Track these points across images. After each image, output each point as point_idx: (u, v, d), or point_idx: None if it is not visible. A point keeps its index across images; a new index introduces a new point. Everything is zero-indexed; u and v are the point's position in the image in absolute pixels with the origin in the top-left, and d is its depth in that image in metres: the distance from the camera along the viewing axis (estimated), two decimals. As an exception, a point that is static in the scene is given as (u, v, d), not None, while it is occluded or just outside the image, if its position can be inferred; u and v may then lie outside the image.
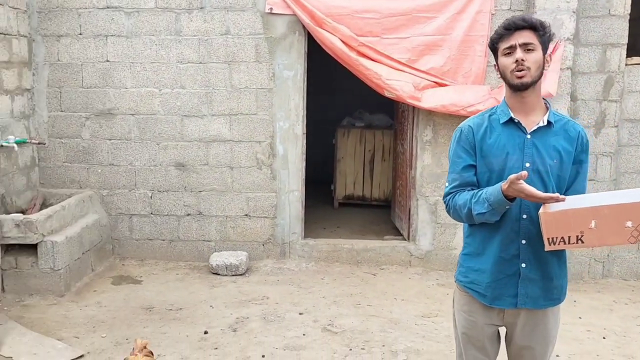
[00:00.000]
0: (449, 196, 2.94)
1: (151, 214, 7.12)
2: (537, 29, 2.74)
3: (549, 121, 2.81)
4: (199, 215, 7.09)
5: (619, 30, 6.56)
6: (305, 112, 7.06)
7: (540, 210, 2.63)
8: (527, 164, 2.77)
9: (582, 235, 2.57)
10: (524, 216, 2.78)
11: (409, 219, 7.26)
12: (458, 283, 3.07)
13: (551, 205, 2.59)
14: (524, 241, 2.81)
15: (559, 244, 2.61)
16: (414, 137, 7.07)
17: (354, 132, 9.52)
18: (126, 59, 6.93)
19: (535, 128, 2.81)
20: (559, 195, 2.59)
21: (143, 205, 7.10)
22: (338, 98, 11.22)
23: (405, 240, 7.37)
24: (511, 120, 2.83)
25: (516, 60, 2.71)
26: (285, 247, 7.10)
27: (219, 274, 6.67)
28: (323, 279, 6.63)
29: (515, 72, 2.73)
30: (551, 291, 2.87)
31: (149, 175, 7.06)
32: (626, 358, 4.94)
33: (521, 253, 2.82)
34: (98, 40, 6.92)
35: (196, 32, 6.87)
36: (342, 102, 11.06)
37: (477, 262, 2.94)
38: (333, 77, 9.93)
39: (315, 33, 6.70)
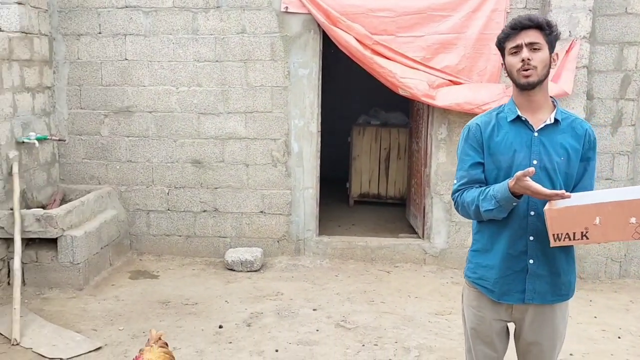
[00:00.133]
0: (457, 193, 2.98)
1: (168, 210, 7.22)
2: (544, 28, 2.76)
3: (556, 119, 2.84)
4: (214, 212, 7.18)
5: (636, 29, 6.53)
6: (320, 110, 7.12)
7: (546, 207, 2.66)
8: (535, 162, 2.80)
9: (587, 232, 2.60)
10: (532, 213, 2.82)
11: (424, 217, 7.29)
12: (467, 279, 3.10)
13: (556, 202, 2.63)
14: (531, 237, 2.84)
15: (564, 240, 2.64)
16: (429, 135, 7.10)
17: (370, 130, 9.55)
18: (144, 57, 7.04)
19: (543, 126, 2.83)
20: (564, 192, 2.62)
21: (160, 202, 7.21)
22: (354, 96, 11.26)
23: (420, 238, 7.41)
24: (518, 118, 2.86)
25: (522, 60, 2.74)
26: (299, 244, 7.16)
27: (234, 270, 6.75)
28: (337, 275, 6.69)
29: (521, 72, 2.76)
30: (559, 287, 2.90)
31: (166, 171, 7.16)
32: (641, 358, 4.96)
33: (529, 249, 2.86)
34: (117, 39, 7.03)
35: (213, 31, 6.96)
36: (358, 100, 11.10)
37: (486, 258, 2.97)
38: (349, 75, 9.96)
39: (330, 31, 6.76)
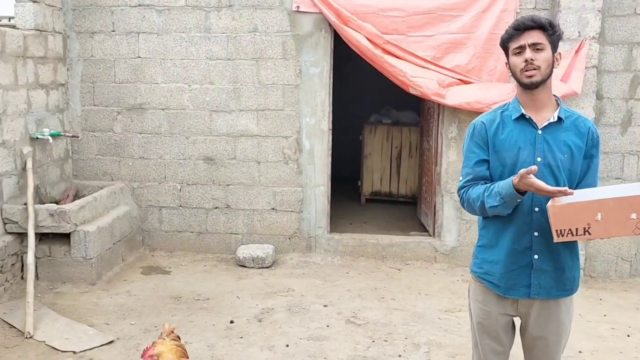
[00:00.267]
0: (463, 190, 3.03)
1: (180, 206, 7.27)
2: (546, 28, 2.81)
3: (560, 117, 2.88)
4: (226, 209, 7.22)
5: (645, 30, 6.56)
6: (332, 108, 7.15)
7: (549, 204, 2.70)
8: (539, 159, 2.84)
9: (589, 227, 2.65)
10: (536, 209, 2.85)
11: (435, 215, 7.31)
12: (473, 274, 3.14)
13: (559, 199, 2.67)
14: (536, 233, 2.88)
15: (567, 236, 2.68)
16: (439, 134, 7.11)
17: (381, 129, 9.57)
18: (157, 55, 7.09)
19: (546, 124, 2.87)
20: (567, 189, 2.66)
21: (172, 198, 7.26)
22: (365, 95, 11.28)
23: (431, 236, 7.42)
24: (522, 116, 2.90)
25: (526, 60, 2.79)
26: (311, 241, 7.19)
27: (246, 266, 6.79)
28: (348, 272, 6.71)
29: (525, 72, 2.81)
30: (563, 282, 2.94)
31: (178, 168, 7.21)
32: (650, 355, 4.95)
33: (534, 245, 2.89)
34: (130, 37, 7.09)
35: (225, 30, 7.00)
36: (370, 99, 11.12)
37: (491, 254, 3.01)
38: (361, 74, 9.98)
39: (341, 31, 6.78)
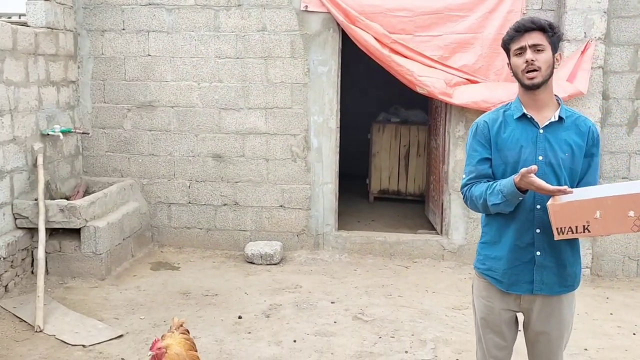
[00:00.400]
0: (466, 187, 3.08)
1: (189, 203, 7.32)
2: (546, 30, 2.86)
3: (561, 117, 2.92)
4: (235, 206, 7.27)
5: (650, 31, 6.60)
6: (339, 107, 7.18)
7: (549, 202, 2.74)
8: (540, 157, 2.89)
9: (588, 225, 2.69)
10: (538, 206, 2.90)
11: (442, 214, 7.33)
12: (476, 270, 3.18)
13: (559, 197, 2.71)
14: (538, 230, 2.92)
15: (567, 234, 2.73)
16: (447, 133, 7.14)
17: (389, 128, 9.60)
18: (167, 53, 7.15)
19: (548, 123, 2.92)
20: (566, 188, 2.70)
21: (181, 195, 7.31)
22: (374, 94, 11.32)
23: (438, 234, 7.44)
24: (524, 115, 2.95)
25: (526, 61, 2.84)
26: (319, 239, 7.23)
27: (254, 263, 6.84)
28: (356, 270, 6.75)
29: (526, 73, 2.86)
30: (565, 278, 2.98)
31: (187, 165, 7.26)
32: (655, 353, 4.97)
33: (536, 241, 2.93)
34: (140, 35, 7.15)
35: (234, 29, 7.05)
36: (378, 98, 11.16)
37: (494, 250, 3.06)
38: (369, 73, 10.01)
39: (348, 30, 6.83)
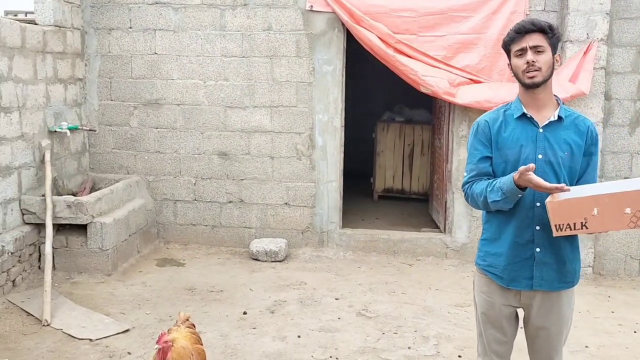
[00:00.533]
0: (467, 185, 3.13)
1: (195, 200, 7.38)
2: (546, 31, 2.91)
3: (560, 116, 2.98)
4: (240, 203, 7.32)
5: (652, 33, 6.65)
6: (344, 105, 7.23)
7: (547, 199, 2.80)
8: (540, 156, 2.95)
9: (586, 222, 2.75)
10: (537, 204, 2.95)
11: (445, 212, 7.38)
12: (477, 266, 3.24)
13: (558, 195, 2.77)
14: (538, 227, 2.97)
15: (565, 230, 2.79)
16: (450, 132, 7.19)
17: (394, 127, 9.65)
18: (173, 52, 7.22)
19: (547, 122, 2.98)
20: (564, 186, 2.76)
21: (187, 192, 7.37)
22: (378, 93, 11.36)
23: (442, 232, 7.49)
24: (524, 115, 3.00)
25: (527, 62, 2.89)
26: (323, 236, 7.28)
27: (259, 260, 6.89)
28: (360, 267, 6.79)
29: (526, 73, 2.91)
30: (565, 275, 3.03)
31: (193, 163, 7.32)
32: (656, 351, 5.00)
33: (536, 238, 2.99)
34: (147, 33, 7.21)
35: (240, 28, 7.11)
36: (383, 97, 11.21)
37: (494, 247, 3.11)
38: (374, 73, 10.05)
39: (353, 30, 6.88)
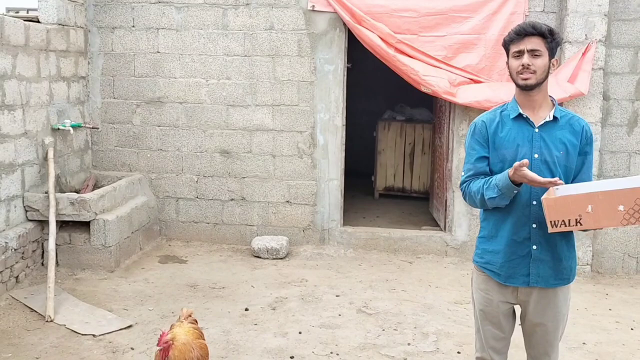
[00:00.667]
0: (465, 184, 3.19)
1: (197, 197, 7.43)
2: (546, 36, 2.97)
3: (555, 116, 3.04)
4: (242, 201, 7.37)
5: (650, 34, 6.71)
6: (345, 105, 7.28)
7: (543, 197, 2.85)
8: (536, 155, 3.01)
9: (581, 219, 2.80)
10: (534, 202, 3.01)
11: (446, 210, 7.42)
12: (475, 264, 3.30)
13: (553, 192, 2.83)
14: (534, 225, 3.03)
15: (560, 227, 2.84)
16: (451, 131, 7.24)
17: (395, 126, 9.69)
18: (176, 50, 7.27)
19: (543, 123, 3.04)
20: (557, 180, 2.82)
21: (189, 190, 7.42)
22: (380, 92, 11.40)
23: (442, 230, 7.53)
24: (520, 115, 3.07)
25: (522, 65, 2.95)
26: (324, 234, 7.33)
27: (260, 257, 6.94)
28: (360, 265, 6.84)
29: (520, 74, 2.97)
30: (561, 271, 3.09)
31: (195, 161, 7.37)
32: (653, 348, 5.05)
33: (532, 236, 3.05)
34: (150, 32, 7.26)
35: (242, 27, 7.16)
36: (384, 96, 11.25)
37: (492, 244, 3.17)
38: (375, 72, 10.10)
39: (354, 30, 6.93)
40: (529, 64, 2.93)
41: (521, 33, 2.97)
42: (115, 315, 5.22)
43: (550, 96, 3.10)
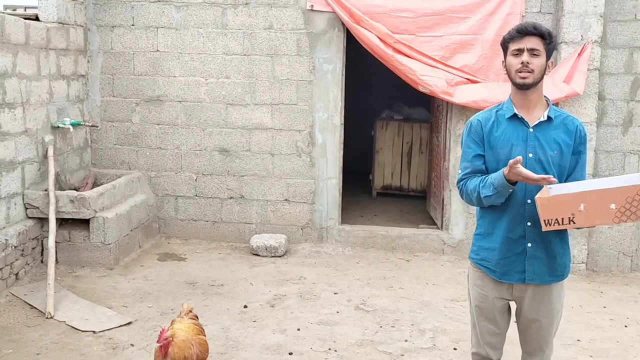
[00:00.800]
0: (461, 182, 3.24)
1: (196, 196, 7.47)
2: (545, 37, 3.03)
3: (549, 116, 3.09)
4: (241, 199, 7.42)
5: (645, 35, 6.76)
6: (344, 104, 7.32)
7: (537, 196, 2.91)
8: (530, 155, 3.06)
9: (574, 217, 2.87)
10: (529, 201, 3.06)
11: (443, 209, 7.47)
12: (471, 260, 3.36)
13: (547, 191, 2.88)
14: (529, 223, 3.08)
15: (554, 225, 2.90)
16: (448, 131, 7.29)
17: (393, 125, 9.74)
18: (175, 49, 7.30)
19: (537, 122, 3.09)
20: (550, 177, 2.87)
21: (188, 188, 7.46)
22: (378, 91, 11.45)
23: (439, 229, 7.58)
24: (515, 115, 3.11)
25: (522, 62, 3.00)
26: (322, 232, 7.37)
27: (259, 255, 6.98)
28: (358, 263, 6.89)
29: (519, 73, 3.02)
30: (555, 268, 3.14)
31: (194, 159, 7.41)
32: (646, 344, 5.11)
33: (527, 234, 3.10)
34: (149, 31, 7.30)
35: (241, 26, 7.20)
36: (382, 96, 11.29)
37: (487, 241, 3.23)
38: (373, 72, 10.14)
39: (353, 30, 6.98)
40: (528, 62, 2.98)
41: (522, 32, 3.02)
42: (115, 312, 5.26)
43: (545, 96, 3.15)
